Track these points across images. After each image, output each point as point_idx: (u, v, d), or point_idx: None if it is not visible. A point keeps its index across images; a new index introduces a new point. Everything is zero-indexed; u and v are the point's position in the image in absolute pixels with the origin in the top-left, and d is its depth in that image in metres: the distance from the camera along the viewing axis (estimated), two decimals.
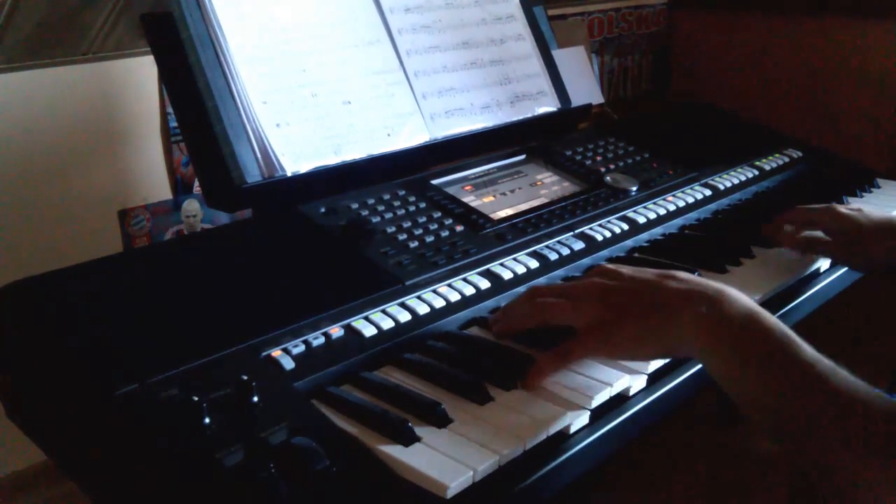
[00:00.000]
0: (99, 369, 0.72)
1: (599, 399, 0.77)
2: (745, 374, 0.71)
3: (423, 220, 1.03)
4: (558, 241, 1.05)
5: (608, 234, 1.09)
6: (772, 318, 0.73)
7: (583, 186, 1.20)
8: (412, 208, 1.04)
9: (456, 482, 0.64)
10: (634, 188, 1.21)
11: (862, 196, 1.34)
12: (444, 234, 1.01)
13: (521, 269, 0.98)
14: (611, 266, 0.85)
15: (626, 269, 0.83)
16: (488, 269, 0.97)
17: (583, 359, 0.80)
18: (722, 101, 1.69)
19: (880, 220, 1.06)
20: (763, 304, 0.97)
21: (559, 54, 1.40)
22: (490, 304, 0.93)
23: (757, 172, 1.37)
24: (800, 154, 1.47)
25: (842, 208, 1.08)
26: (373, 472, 0.66)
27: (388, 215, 1.02)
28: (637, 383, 0.80)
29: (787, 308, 1.01)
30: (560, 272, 1.01)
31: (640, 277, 0.81)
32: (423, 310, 0.88)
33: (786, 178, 1.40)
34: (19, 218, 1.21)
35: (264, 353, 0.77)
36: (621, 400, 0.79)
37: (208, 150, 1.00)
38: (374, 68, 1.15)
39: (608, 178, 1.22)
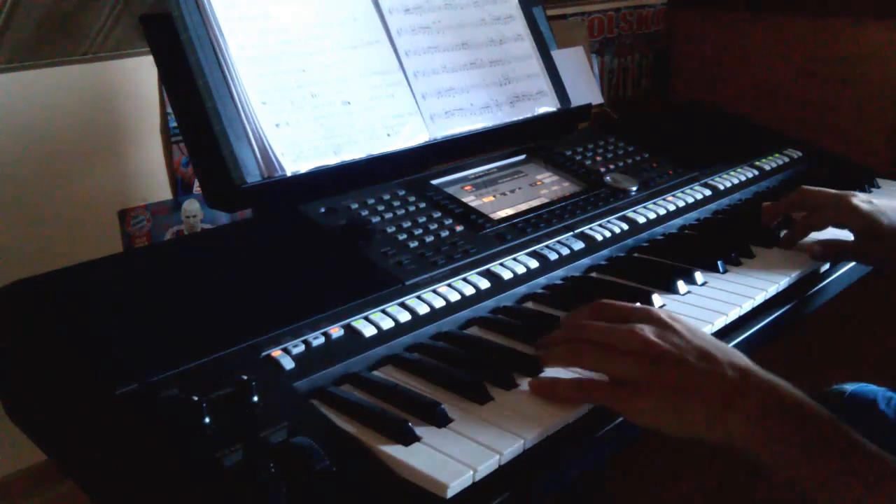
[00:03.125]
0: (99, 369, 0.72)
1: None
2: (804, 464, 0.68)
3: (422, 220, 1.03)
4: (558, 241, 1.05)
5: (608, 234, 1.09)
6: (824, 410, 0.70)
7: (583, 186, 1.20)
8: (412, 208, 1.04)
9: (456, 482, 0.64)
10: (634, 188, 1.21)
11: None
12: (444, 234, 1.01)
13: (521, 269, 0.98)
14: (664, 317, 0.77)
15: (681, 328, 0.75)
16: (488, 269, 0.97)
17: (597, 404, 0.76)
18: (722, 101, 1.69)
19: None
20: (764, 304, 0.98)
21: (559, 54, 1.40)
22: (490, 303, 0.93)
23: (757, 172, 1.37)
24: (800, 154, 1.47)
25: (856, 202, 1.06)
26: (373, 472, 0.66)
27: (388, 215, 1.02)
28: None
29: (788, 308, 1.01)
30: (560, 272, 1.01)
31: (695, 349, 0.73)
32: (423, 310, 0.88)
33: (786, 178, 1.40)
34: (19, 218, 1.21)
35: (264, 353, 0.77)
36: None
37: (208, 150, 1.00)
38: (373, 69, 1.15)
39: (608, 178, 1.22)
